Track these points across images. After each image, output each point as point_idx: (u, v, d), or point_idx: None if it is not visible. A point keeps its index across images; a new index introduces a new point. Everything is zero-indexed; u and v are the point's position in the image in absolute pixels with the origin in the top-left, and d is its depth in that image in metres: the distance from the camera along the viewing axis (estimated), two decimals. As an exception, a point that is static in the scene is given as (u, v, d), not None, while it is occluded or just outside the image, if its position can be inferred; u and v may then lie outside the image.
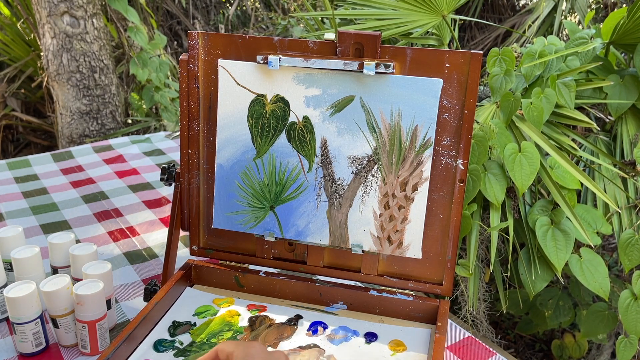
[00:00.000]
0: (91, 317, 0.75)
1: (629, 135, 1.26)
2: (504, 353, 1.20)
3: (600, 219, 1.12)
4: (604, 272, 1.07)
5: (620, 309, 1.08)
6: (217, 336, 0.74)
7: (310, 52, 0.74)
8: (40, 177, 1.40)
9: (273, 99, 0.76)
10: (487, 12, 3.52)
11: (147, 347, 0.72)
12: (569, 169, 1.09)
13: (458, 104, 0.72)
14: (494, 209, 1.09)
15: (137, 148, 1.61)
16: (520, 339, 1.84)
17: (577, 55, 1.23)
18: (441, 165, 0.74)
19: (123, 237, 1.11)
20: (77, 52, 2.28)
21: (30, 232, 1.12)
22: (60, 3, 2.21)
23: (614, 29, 1.27)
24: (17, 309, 0.73)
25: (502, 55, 1.18)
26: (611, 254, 1.73)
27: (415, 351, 0.72)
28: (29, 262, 0.81)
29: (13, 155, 2.98)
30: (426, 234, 0.77)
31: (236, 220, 0.82)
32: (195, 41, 0.77)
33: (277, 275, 0.83)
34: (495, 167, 1.09)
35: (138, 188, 1.33)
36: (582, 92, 1.26)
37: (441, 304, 0.77)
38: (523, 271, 1.13)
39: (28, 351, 0.76)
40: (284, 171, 0.78)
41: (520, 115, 1.15)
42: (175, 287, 0.81)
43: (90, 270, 0.79)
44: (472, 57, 0.69)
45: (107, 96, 2.41)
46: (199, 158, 0.82)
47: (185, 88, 0.79)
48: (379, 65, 0.71)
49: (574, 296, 1.45)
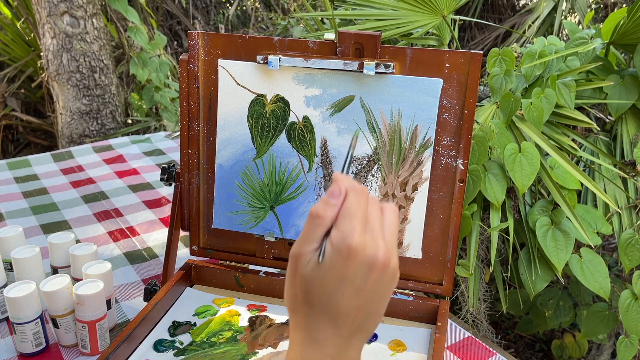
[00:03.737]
0: (91, 317, 0.75)
1: (629, 135, 1.26)
2: (504, 353, 1.20)
3: (601, 219, 1.12)
4: (604, 272, 1.07)
5: (620, 309, 1.08)
6: (217, 336, 0.74)
7: (310, 52, 0.74)
8: (40, 177, 1.40)
9: (273, 99, 0.76)
10: (487, 12, 3.52)
11: (147, 347, 0.72)
12: (569, 169, 1.09)
13: (458, 104, 0.72)
14: (494, 209, 1.09)
15: (137, 148, 1.61)
16: (520, 339, 1.84)
17: (577, 56, 1.23)
18: (441, 165, 0.74)
19: (123, 237, 1.11)
20: (77, 52, 2.28)
21: (30, 232, 1.12)
22: (60, 3, 2.21)
23: (614, 29, 1.27)
24: (17, 309, 0.73)
25: (502, 55, 1.18)
26: (611, 254, 1.72)
27: (415, 351, 0.72)
28: (29, 262, 0.81)
29: (13, 155, 2.98)
30: (426, 234, 0.76)
31: (236, 220, 0.82)
32: (195, 41, 0.77)
33: (277, 275, 0.83)
34: (495, 167, 1.09)
35: (138, 188, 1.33)
36: (582, 92, 1.26)
37: (441, 304, 0.77)
38: (523, 271, 1.12)
39: (28, 351, 0.76)
40: (284, 171, 0.78)
41: (520, 116, 1.15)
42: (175, 287, 0.81)
43: (90, 270, 0.79)
44: (472, 57, 0.69)
45: (107, 96, 2.41)
46: (199, 158, 0.82)
47: (185, 88, 0.79)
48: (379, 65, 0.71)
49: (574, 296, 1.44)
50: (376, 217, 0.45)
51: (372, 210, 0.45)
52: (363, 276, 0.43)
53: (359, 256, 0.42)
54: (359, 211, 0.43)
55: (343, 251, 0.42)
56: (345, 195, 0.44)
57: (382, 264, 0.43)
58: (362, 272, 0.42)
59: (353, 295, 0.43)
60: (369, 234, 0.43)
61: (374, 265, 0.43)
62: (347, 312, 0.43)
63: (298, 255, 0.44)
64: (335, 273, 0.43)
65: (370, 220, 0.44)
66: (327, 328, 0.44)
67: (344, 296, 0.43)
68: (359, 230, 0.42)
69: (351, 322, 0.44)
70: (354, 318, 0.44)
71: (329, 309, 0.43)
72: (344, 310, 0.43)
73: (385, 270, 0.43)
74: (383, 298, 0.45)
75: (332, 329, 0.44)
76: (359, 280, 0.43)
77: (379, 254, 0.43)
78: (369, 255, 0.42)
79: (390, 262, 0.43)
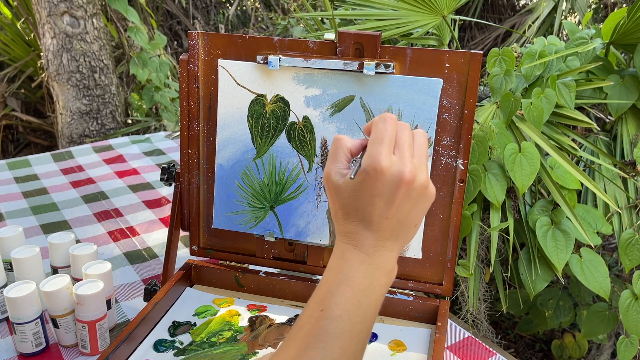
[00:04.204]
0: (91, 317, 0.75)
1: (629, 135, 1.26)
2: (504, 353, 1.20)
3: (601, 219, 1.12)
4: (604, 272, 1.07)
5: (620, 309, 1.08)
6: (217, 335, 0.74)
7: (310, 52, 0.74)
8: (40, 177, 1.40)
9: (273, 99, 0.76)
10: (487, 12, 3.52)
11: (147, 347, 0.72)
12: (569, 169, 1.09)
13: (458, 104, 0.72)
14: (494, 209, 1.09)
15: (137, 148, 1.61)
16: (520, 339, 1.84)
17: (577, 56, 1.23)
18: (441, 165, 0.74)
19: (123, 237, 1.11)
20: (77, 52, 2.28)
21: (30, 232, 1.12)
22: (60, 3, 2.21)
23: (614, 29, 1.27)
24: (17, 309, 0.73)
25: (502, 55, 1.18)
26: (611, 254, 1.72)
27: (415, 351, 0.72)
28: (29, 262, 0.81)
29: (13, 155, 2.98)
30: (426, 234, 0.76)
31: (236, 220, 0.82)
32: (195, 41, 0.77)
33: (277, 275, 0.83)
34: (495, 167, 1.09)
35: (138, 188, 1.33)
36: (582, 92, 1.26)
37: (441, 304, 0.77)
38: (523, 271, 1.12)
39: (28, 351, 0.76)
40: (284, 171, 0.78)
41: (520, 116, 1.15)
42: (175, 287, 0.81)
43: (90, 270, 0.79)
44: (472, 57, 0.69)
45: (107, 96, 2.41)
46: (199, 158, 0.82)
47: (185, 88, 0.79)
48: (379, 65, 0.71)
49: (574, 296, 1.44)
50: (406, 140, 0.52)
51: (402, 134, 0.52)
52: (391, 192, 0.50)
53: (386, 175, 0.49)
54: (386, 136, 0.51)
55: (371, 172, 0.50)
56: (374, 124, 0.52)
57: (407, 180, 0.50)
58: (390, 188, 0.50)
59: (384, 207, 0.50)
60: (397, 155, 0.51)
61: (401, 182, 0.50)
62: (380, 221, 0.51)
63: (328, 175, 0.53)
64: (367, 190, 0.50)
65: (399, 142, 0.51)
66: (364, 232, 0.51)
67: (376, 208, 0.50)
68: (385, 154, 0.50)
69: (384, 229, 0.51)
70: (386, 226, 0.51)
71: (364, 217, 0.51)
72: (377, 219, 0.51)
73: (412, 185, 0.50)
74: (414, 209, 0.52)
75: (367, 234, 0.51)
76: (388, 195, 0.50)
77: (405, 172, 0.50)
78: (395, 174, 0.50)
79: (416, 178, 0.50)
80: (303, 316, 0.50)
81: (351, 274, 0.50)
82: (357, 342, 0.49)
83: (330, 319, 0.48)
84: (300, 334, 0.48)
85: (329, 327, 0.48)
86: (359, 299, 0.49)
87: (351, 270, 0.50)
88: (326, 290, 0.50)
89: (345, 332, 0.48)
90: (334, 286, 0.50)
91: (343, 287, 0.49)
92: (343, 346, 0.47)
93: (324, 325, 0.48)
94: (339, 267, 0.51)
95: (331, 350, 0.47)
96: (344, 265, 0.51)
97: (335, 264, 0.51)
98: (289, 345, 0.48)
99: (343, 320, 0.48)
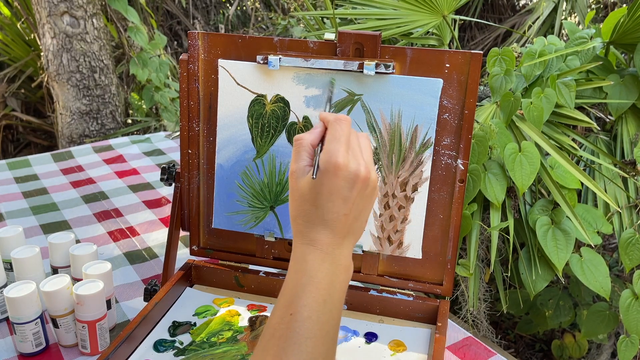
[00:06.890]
0: (91, 317, 0.75)
1: (629, 134, 1.26)
2: (504, 353, 1.20)
3: (601, 219, 1.12)
4: (604, 272, 1.07)
5: (621, 309, 1.08)
6: (217, 335, 0.74)
7: (310, 52, 0.74)
8: (40, 177, 1.40)
9: (273, 99, 0.76)
10: (487, 12, 3.52)
11: (147, 347, 0.72)
12: (569, 169, 1.09)
13: (458, 104, 0.72)
14: (494, 209, 1.09)
15: (137, 148, 1.61)
16: (520, 339, 1.84)
17: (577, 55, 1.23)
18: (441, 165, 0.74)
19: (123, 237, 1.11)
20: (77, 52, 2.28)
21: (30, 232, 1.12)
22: (60, 3, 2.21)
23: (613, 28, 1.27)
24: (17, 309, 0.73)
25: (502, 55, 1.17)
26: (612, 253, 1.72)
27: (415, 351, 0.72)
28: (29, 262, 0.81)
29: (13, 155, 2.98)
30: (426, 234, 0.76)
31: (236, 220, 0.82)
32: (195, 41, 0.77)
33: (277, 275, 0.83)
34: (495, 167, 1.09)
35: (138, 188, 1.33)
36: (582, 92, 1.26)
37: (441, 304, 0.77)
38: (523, 271, 1.12)
39: (28, 351, 0.76)
40: (284, 171, 0.78)
41: (521, 115, 1.15)
42: (175, 287, 0.81)
43: (90, 270, 0.79)
44: (472, 57, 0.69)
45: (107, 96, 2.41)
46: (199, 158, 0.82)
47: (185, 88, 0.79)
48: (379, 65, 0.71)
49: (575, 296, 1.44)
50: (355, 142, 0.56)
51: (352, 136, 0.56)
52: (349, 188, 0.53)
53: (344, 171, 0.53)
54: (343, 136, 0.54)
55: (330, 168, 0.52)
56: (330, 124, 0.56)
57: (364, 177, 0.53)
58: (347, 184, 0.53)
59: (342, 203, 0.53)
60: (350, 154, 0.54)
61: (357, 179, 0.53)
62: (337, 218, 0.53)
63: (292, 173, 0.56)
64: (326, 186, 0.53)
65: (352, 144, 0.55)
66: (323, 231, 0.53)
67: (335, 205, 0.53)
68: (342, 151, 0.53)
69: (342, 226, 0.53)
70: (344, 222, 0.53)
71: (323, 215, 0.53)
72: (335, 216, 0.53)
73: (367, 182, 0.54)
74: (367, 205, 0.55)
75: (326, 232, 0.53)
76: (346, 191, 0.53)
77: (360, 169, 0.53)
78: (352, 171, 0.53)
79: (370, 175, 0.54)
80: (273, 321, 0.51)
81: (314, 274, 0.52)
82: (327, 339, 0.51)
83: (300, 321, 0.50)
84: (274, 341, 0.49)
85: (300, 329, 0.49)
86: (324, 298, 0.51)
87: (314, 271, 0.52)
88: (293, 293, 0.52)
89: (315, 332, 0.50)
90: (300, 289, 0.51)
91: (308, 288, 0.51)
92: (315, 345, 0.49)
93: (295, 328, 0.49)
94: (303, 270, 0.52)
95: (305, 351, 0.49)
96: (307, 267, 0.52)
97: (299, 267, 0.53)
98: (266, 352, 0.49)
99: (312, 321, 0.50)
